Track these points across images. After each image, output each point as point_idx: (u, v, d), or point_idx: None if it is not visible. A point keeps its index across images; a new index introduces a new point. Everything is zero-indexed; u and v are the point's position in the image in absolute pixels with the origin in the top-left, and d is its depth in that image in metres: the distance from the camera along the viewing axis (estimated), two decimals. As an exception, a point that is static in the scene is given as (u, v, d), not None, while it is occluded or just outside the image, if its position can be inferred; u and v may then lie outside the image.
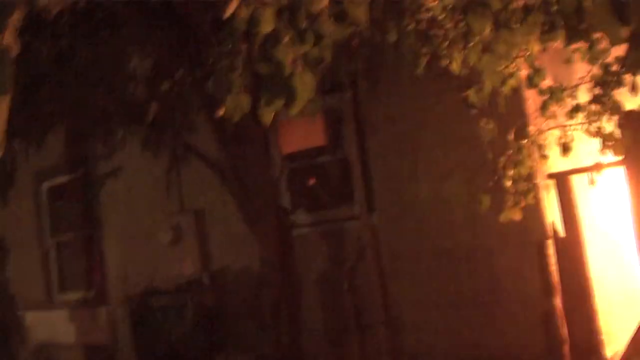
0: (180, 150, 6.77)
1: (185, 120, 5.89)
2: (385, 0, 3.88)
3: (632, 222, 4.85)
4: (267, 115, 2.27)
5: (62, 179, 9.27)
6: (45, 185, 9.62)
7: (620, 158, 4.68)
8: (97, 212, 8.69)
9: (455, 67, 3.95)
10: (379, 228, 6.23)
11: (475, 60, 3.70)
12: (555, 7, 2.62)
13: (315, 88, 2.23)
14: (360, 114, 6.29)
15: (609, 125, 4.40)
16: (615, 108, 4.08)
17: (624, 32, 2.23)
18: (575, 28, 2.48)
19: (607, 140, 4.12)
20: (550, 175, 5.28)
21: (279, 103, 2.22)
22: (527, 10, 2.87)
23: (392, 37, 4.14)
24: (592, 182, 4.47)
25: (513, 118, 4.75)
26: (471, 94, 4.17)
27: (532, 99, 5.02)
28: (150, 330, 7.38)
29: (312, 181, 6.64)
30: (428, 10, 3.90)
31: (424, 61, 4.11)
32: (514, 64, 3.97)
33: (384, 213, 6.21)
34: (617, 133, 4.18)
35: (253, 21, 2.12)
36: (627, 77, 3.97)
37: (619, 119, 4.52)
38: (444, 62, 4.03)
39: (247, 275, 6.89)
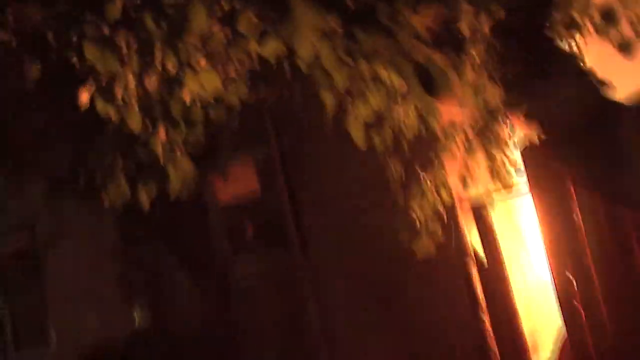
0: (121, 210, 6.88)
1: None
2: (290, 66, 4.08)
3: (543, 247, 5.14)
4: (145, 199, 2.48)
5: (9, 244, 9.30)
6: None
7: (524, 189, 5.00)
8: (46, 272, 8.72)
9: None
10: (316, 271, 6.43)
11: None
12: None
13: (193, 170, 2.43)
14: (287, 164, 6.51)
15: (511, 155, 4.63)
16: (497, 145, 4.25)
17: (434, 103, 2.46)
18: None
19: (497, 176, 4.34)
20: (468, 208, 5.55)
21: (155, 186, 2.42)
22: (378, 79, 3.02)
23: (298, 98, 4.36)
24: (492, 211, 4.68)
25: (419, 155, 4.93)
26: (375, 138, 4.34)
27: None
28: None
29: (249, 230, 6.82)
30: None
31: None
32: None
33: (320, 255, 6.42)
34: (508, 168, 4.39)
35: (120, 120, 2.34)
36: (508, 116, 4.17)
37: (521, 154, 4.81)
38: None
39: (194, 328, 7.00)
